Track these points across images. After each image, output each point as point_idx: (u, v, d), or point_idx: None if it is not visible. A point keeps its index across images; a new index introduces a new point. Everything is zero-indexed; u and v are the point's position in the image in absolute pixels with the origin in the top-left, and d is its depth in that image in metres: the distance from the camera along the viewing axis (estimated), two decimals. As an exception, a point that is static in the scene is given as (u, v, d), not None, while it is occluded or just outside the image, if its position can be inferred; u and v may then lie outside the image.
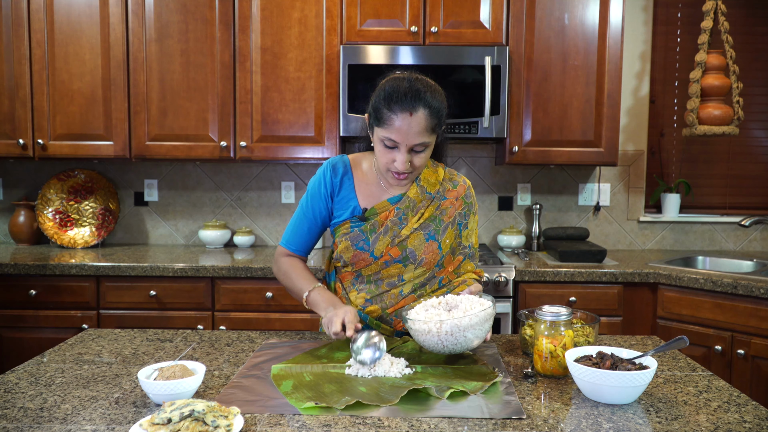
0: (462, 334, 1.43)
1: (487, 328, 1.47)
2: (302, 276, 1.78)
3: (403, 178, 1.69)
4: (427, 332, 1.45)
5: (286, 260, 1.84)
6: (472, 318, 1.43)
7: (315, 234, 1.83)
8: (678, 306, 2.89)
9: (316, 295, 1.72)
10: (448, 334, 1.43)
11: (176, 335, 1.77)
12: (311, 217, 1.81)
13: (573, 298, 2.94)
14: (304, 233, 1.83)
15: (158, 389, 1.24)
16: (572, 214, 3.66)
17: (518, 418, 1.20)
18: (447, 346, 1.45)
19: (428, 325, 1.44)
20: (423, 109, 1.60)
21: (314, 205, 1.80)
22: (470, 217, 1.83)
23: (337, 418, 1.20)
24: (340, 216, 1.78)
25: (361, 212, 1.74)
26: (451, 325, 1.42)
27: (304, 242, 1.84)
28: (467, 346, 1.46)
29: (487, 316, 1.46)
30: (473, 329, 1.43)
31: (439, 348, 1.46)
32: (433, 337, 1.45)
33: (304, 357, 1.57)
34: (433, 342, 1.45)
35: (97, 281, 3.01)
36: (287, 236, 1.85)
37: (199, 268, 2.97)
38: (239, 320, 3.01)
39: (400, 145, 1.63)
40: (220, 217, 3.69)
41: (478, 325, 1.44)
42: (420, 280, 1.76)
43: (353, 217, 1.75)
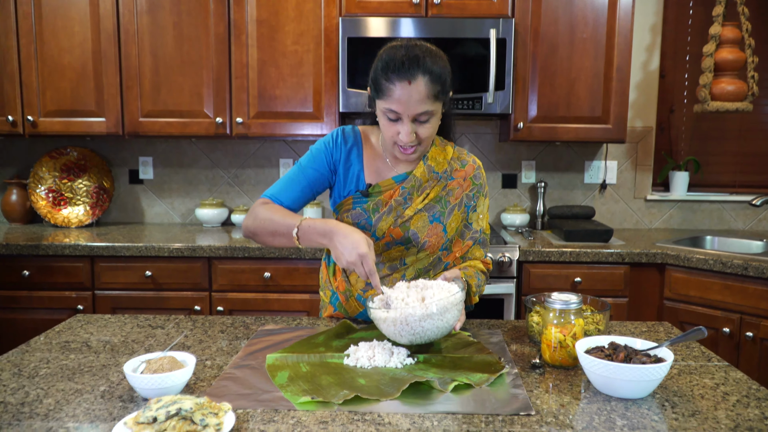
0: (419, 325, 1.35)
1: (450, 318, 1.38)
2: (289, 214, 1.59)
3: (411, 152, 1.59)
4: (384, 320, 1.37)
5: (267, 205, 1.63)
6: (429, 307, 1.34)
7: (307, 197, 1.69)
8: (686, 287, 2.82)
9: (309, 221, 1.52)
10: (404, 324, 1.35)
11: (168, 321, 1.70)
12: (310, 175, 1.67)
13: (578, 279, 2.87)
14: (295, 192, 1.67)
15: (145, 383, 1.17)
16: (578, 192, 3.58)
17: (527, 414, 1.13)
18: (405, 336, 1.37)
19: (385, 312, 1.36)
20: (422, 76, 1.50)
21: (316, 164, 1.68)
22: (479, 199, 1.74)
23: (335, 414, 1.13)
24: (344, 189, 1.68)
25: (365, 187, 1.66)
26: (407, 314, 1.34)
27: (293, 201, 1.67)
28: (427, 337, 1.37)
29: (448, 305, 1.36)
30: (431, 319, 1.35)
31: (397, 338, 1.38)
32: (389, 326, 1.37)
33: (301, 345, 1.49)
34: (390, 332, 1.38)
35: (92, 261, 2.94)
36: (273, 191, 1.67)
37: (196, 248, 2.90)
38: (237, 300, 2.94)
39: (402, 116, 1.53)
40: (217, 195, 3.60)
41: (437, 315, 1.35)
42: (423, 265, 1.68)
43: (356, 193, 1.66)
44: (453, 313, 1.37)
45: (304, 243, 1.53)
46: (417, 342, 1.38)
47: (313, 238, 1.52)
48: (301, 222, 1.53)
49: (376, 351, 1.38)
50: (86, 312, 2.95)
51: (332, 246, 1.47)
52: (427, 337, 1.37)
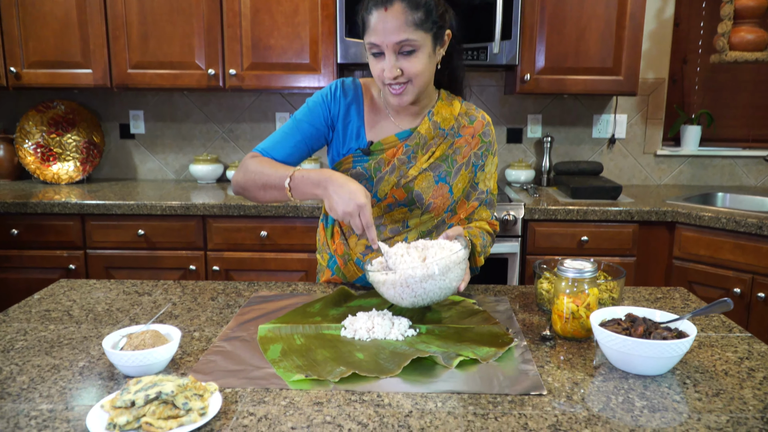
0: (420, 286, 1.26)
1: (453, 278, 1.29)
2: (281, 165, 1.48)
3: (399, 91, 1.45)
4: (383, 283, 1.28)
5: (257, 158, 1.52)
6: (430, 267, 1.24)
7: (302, 153, 1.57)
8: (696, 246, 2.72)
9: (303, 172, 1.40)
10: (404, 286, 1.26)
11: (156, 287, 1.61)
12: (305, 130, 1.55)
13: (585, 238, 2.78)
14: (288, 147, 1.55)
15: (125, 361, 1.08)
16: (585, 147, 3.45)
17: (538, 394, 1.05)
18: (405, 299, 1.28)
19: (384, 275, 1.27)
20: (399, 1, 1.38)
21: (312, 118, 1.56)
22: (488, 158, 1.62)
23: (330, 394, 1.04)
24: (343, 147, 1.57)
25: (366, 144, 1.54)
26: (407, 276, 1.25)
27: (286, 156, 1.55)
28: (429, 299, 1.29)
29: (451, 265, 1.27)
30: (432, 280, 1.26)
31: (398, 301, 1.30)
32: (389, 289, 1.28)
33: (296, 315, 1.41)
34: (390, 295, 1.29)
35: (82, 220, 2.85)
36: (265, 145, 1.55)
37: (189, 206, 2.79)
38: (233, 260, 2.86)
39: (382, 47, 1.41)
40: (212, 151, 3.48)
41: (439, 275, 1.26)
42: (427, 228, 1.58)
43: (356, 151, 1.55)
44: (456, 273, 1.28)
45: (297, 195, 1.41)
46: (419, 304, 1.29)
47: (306, 189, 1.40)
48: (294, 172, 1.42)
49: (375, 322, 1.29)
50: (78, 271, 2.87)
51: (327, 196, 1.35)
52: (429, 299, 1.29)
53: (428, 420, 0.96)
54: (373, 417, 0.97)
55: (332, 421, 0.96)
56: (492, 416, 0.98)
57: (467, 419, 0.97)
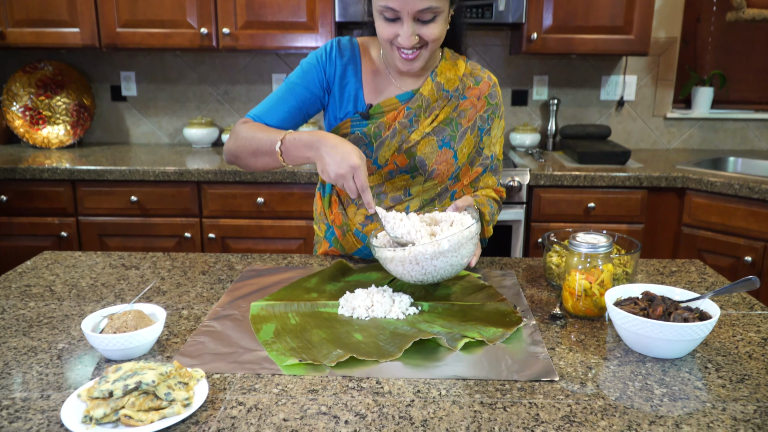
0: (430, 263, 1.18)
1: (465, 254, 1.20)
2: (273, 130, 1.38)
3: (413, 57, 1.35)
4: (391, 260, 1.20)
5: (248, 124, 1.43)
6: (442, 243, 1.16)
7: (296, 118, 1.47)
8: (707, 213, 2.64)
9: (295, 134, 1.30)
10: (413, 263, 1.18)
11: (144, 260, 1.53)
12: (299, 94, 1.45)
13: (592, 204, 2.69)
14: (282, 112, 1.45)
15: (105, 344, 1.00)
16: (593, 110, 3.33)
17: (549, 381, 0.98)
18: (414, 276, 1.20)
19: (392, 252, 1.19)
20: None
21: (307, 81, 1.46)
22: (494, 121, 1.52)
23: (326, 380, 0.97)
24: (340, 110, 1.47)
25: (365, 108, 1.44)
26: (417, 252, 1.16)
27: (279, 122, 1.45)
28: (439, 275, 1.21)
29: (463, 240, 1.18)
30: (443, 257, 1.17)
31: (407, 278, 1.22)
32: (397, 266, 1.20)
33: (291, 290, 1.33)
34: (399, 272, 1.21)
35: (73, 186, 2.76)
36: (257, 110, 1.46)
37: (183, 171, 2.70)
38: (229, 227, 2.78)
39: (402, 14, 1.29)
40: (206, 114, 3.37)
41: (451, 251, 1.17)
42: (430, 195, 1.49)
43: (355, 114, 1.45)
44: (468, 248, 1.20)
45: (290, 160, 1.32)
46: (429, 281, 1.22)
47: (298, 152, 1.29)
48: (285, 135, 1.32)
49: (375, 300, 1.21)
50: (71, 239, 2.80)
51: (319, 158, 1.25)
52: (440, 276, 1.21)
53: (431, 410, 0.89)
54: (371, 407, 0.90)
55: (328, 411, 0.89)
56: (500, 405, 0.90)
57: (473, 409, 0.89)
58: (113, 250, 2.81)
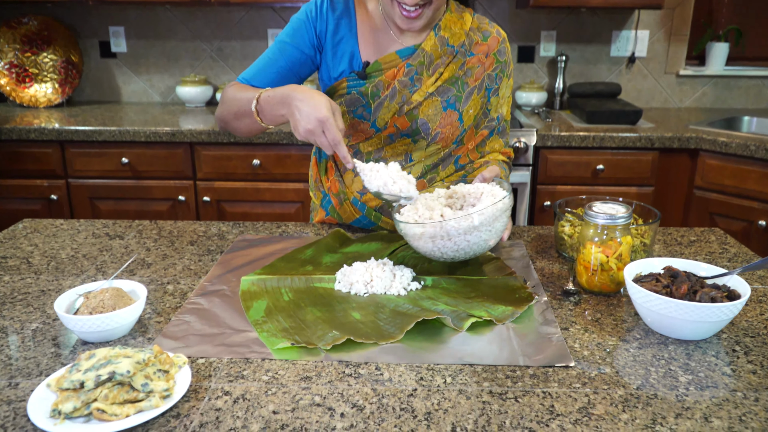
0: (463, 239, 1.09)
1: (499, 228, 1.12)
2: (253, 89, 1.29)
3: (415, 16, 1.24)
4: (420, 236, 1.11)
5: (234, 86, 1.34)
6: (476, 217, 1.07)
7: (286, 81, 1.35)
8: (720, 175, 2.54)
9: (270, 91, 1.21)
10: (445, 239, 1.09)
11: (129, 229, 1.44)
12: (290, 54, 1.34)
13: (600, 167, 2.59)
14: (272, 74, 1.35)
15: (80, 326, 0.92)
16: (602, 67, 3.20)
17: (564, 366, 0.89)
18: (446, 253, 1.12)
19: (421, 227, 1.10)
20: None
21: (297, 40, 1.34)
22: (503, 80, 1.41)
23: (321, 366, 0.89)
24: (334, 69, 1.35)
25: (361, 66, 1.33)
26: (449, 227, 1.08)
27: (268, 85, 1.34)
28: (471, 252, 1.12)
29: (498, 213, 1.10)
30: (478, 231, 1.09)
31: (437, 255, 1.13)
32: (426, 242, 1.11)
33: (284, 263, 1.24)
34: (428, 249, 1.12)
35: (62, 147, 2.65)
36: (247, 74, 1.36)
37: (175, 132, 2.59)
38: (224, 190, 2.68)
39: None
40: (200, 71, 3.24)
41: (485, 225, 1.09)
42: (432, 161, 1.39)
43: (351, 73, 1.34)
44: (502, 222, 1.12)
45: (267, 120, 1.23)
46: (460, 258, 1.14)
47: (273, 110, 1.20)
48: (260, 93, 1.22)
49: (374, 275, 1.12)
50: (61, 202, 2.71)
51: (290, 114, 1.16)
52: (472, 252, 1.13)
53: (435, 401, 0.81)
54: (370, 396, 0.82)
55: (322, 402, 0.81)
56: (511, 395, 0.82)
57: (482, 400, 0.81)
58: (105, 214, 2.72)
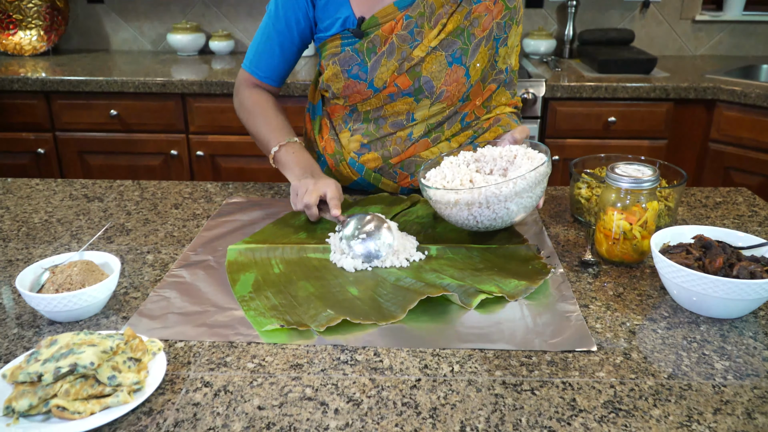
0: (503, 206, 0.99)
1: (539, 193, 1.03)
2: (272, 122, 1.29)
3: None
4: (454, 204, 1.00)
5: (251, 94, 1.32)
6: (518, 182, 0.97)
7: (290, 54, 1.29)
8: (738, 128, 2.41)
9: (288, 154, 1.25)
10: (483, 207, 0.99)
11: (110, 190, 1.34)
12: (283, 29, 1.25)
13: (612, 119, 2.46)
14: (274, 53, 1.28)
15: (45, 305, 0.83)
16: (614, 12, 3.02)
17: (586, 351, 0.80)
18: (482, 221, 1.02)
19: (455, 194, 1.00)
20: None
21: (286, 9, 1.23)
22: (511, 28, 1.26)
23: (313, 353, 0.80)
24: (327, 28, 1.23)
25: (355, 24, 1.20)
26: (489, 194, 0.97)
27: (274, 66, 1.30)
28: (509, 220, 1.03)
29: (540, 177, 1.00)
30: (519, 198, 0.99)
31: (471, 224, 1.03)
32: (461, 210, 1.01)
33: (276, 228, 1.14)
34: (462, 217, 1.02)
35: (47, 98, 2.52)
36: (251, 57, 1.31)
37: (166, 83, 2.45)
38: (219, 144, 2.56)
39: None
40: (192, 18, 3.07)
41: (527, 191, 0.99)
42: (437, 120, 1.27)
43: (344, 31, 1.21)
44: (542, 187, 1.03)
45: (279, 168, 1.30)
46: (496, 227, 1.04)
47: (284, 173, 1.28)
48: (277, 152, 1.28)
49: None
50: (48, 156, 2.59)
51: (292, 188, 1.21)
52: (510, 220, 1.03)
53: (442, 393, 0.72)
54: (368, 389, 0.73)
55: (314, 395, 0.72)
56: (526, 387, 0.73)
57: (494, 392, 0.72)
58: (96, 168, 2.61)
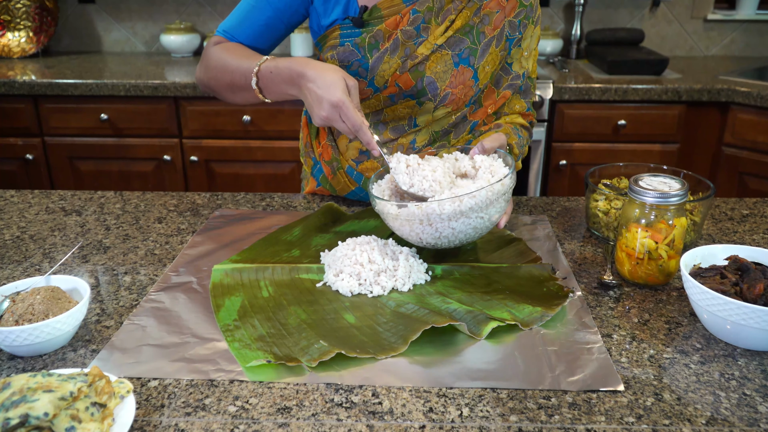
0: (446, 225, 0.89)
1: (492, 213, 0.91)
2: (247, 54, 1.11)
3: None
4: (395, 217, 0.91)
5: (219, 46, 1.15)
6: (464, 201, 0.87)
7: (276, 31, 1.16)
8: (753, 131, 2.32)
9: (271, 63, 1.03)
10: (425, 224, 0.89)
11: (90, 202, 1.25)
12: (275, 3, 1.12)
13: (622, 122, 2.37)
14: (257, 25, 1.15)
15: (3, 339, 0.73)
16: (623, 11, 2.93)
17: (612, 392, 0.71)
18: (426, 239, 0.92)
19: (394, 207, 0.91)
20: None
21: None
22: (527, 28, 1.17)
23: (303, 392, 0.71)
24: (326, 15, 1.13)
25: (357, 11, 1.11)
26: (427, 212, 0.88)
27: (255, 38, 1.16)
28: (458, 240, 0.93)
29: (493, 196, 0.89)
30: (465, 218, 0.89)
31: (416, 241, 0.94)
32: (402, 224, 0.92)
33: (266, 246, 1.05)
34: (404, 231, 0.93)
35: (35, 102, 2.43)
36: (229, 23, 1.17)
37: (158, 86, 2.36)
38: (213, 149, 2.47)
39: None
40: (186, 18, 2.98)
41: (475, 211, 0.88)
42: (442, 126, 1.17)
43: (344, 20, 1.11)
44: (498, 206, 0.91)
45: (273, 96, 1.06)
46: (443, 246, 0.94)
47: (279, 88, 1.03)
48: (259, 67, 1.03)
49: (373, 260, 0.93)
50: (38, 161, 2.50)
51: (302, 96, 1.00)
52: (458, 241, 0.93)
53: (450, 444, 0.63)
54: (365, 438, 0.64)
55: (303, 447, 0.63)
56: (546, 435, 0.64)
57: (509, 443, 0.63)
58: (86, 174, 2.52)
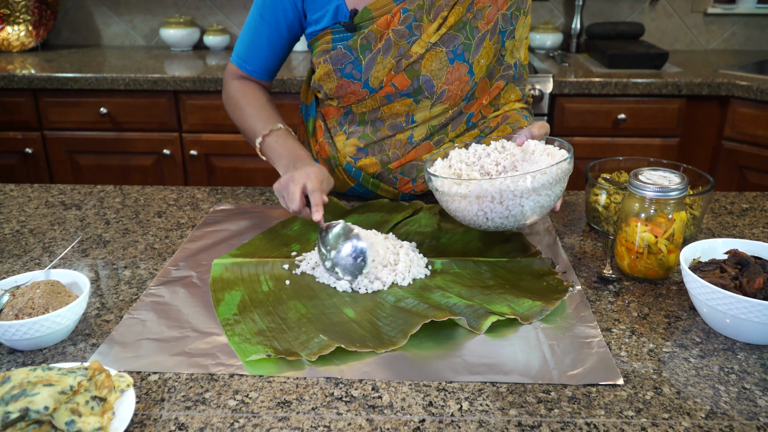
0: (517, 203, 0.89)
1: (558, 193, 0.92)
2: (259, 111, 1.18)
3: None
4: (463, 197, 0.90)
5: (238, 85, 1.23)
6: (537, 177, 0.87)
7: (279, 48, 1.20)
8: (753, 125, 2.31)
9: (274, 141, 1.12)
10: (495, 201, 0.89)
11: (90, 196, 1.25)
12: (270, 21, 1.15)
13: (622, 116, 2.36)
14: (262, 46, 1.19)
15: (3, 333, 0.74)
16: (623, 5, 2.92)
17: (611, 385, 0.71)
18: (493, 219, 0.91)
19: (465, 186, 0.90)
20: None
21: (273, 1, 1.14)
22: (519, 19, 1.16)
23: (303, 386, 0.71)
24: (317, 21, 1.13)
25: (347, 17, 1.10)
26: (503, 187, 0.87)
27: (263, 59, 1.20)
28: (523, 220, 0.92)
29: (561, 174, 0.90)
30: (536, 195, 0.89)
31: (480, 221, 0.92)
32: (470, 204, 0.90)
33: (266, 241, 1.05)
34: (471, 212, 0.92)
35: (34, 96, 2.43)
36: (239, 50, 1.22)
37: (157, 80, 2.36)
38: (213, 143, 2.47)
39: None
40: (186, 12, 2.97)
41: (545, 188, 0.88)
42: (439, 121, 1.17)
43: (335, 25, 1.11)
44: (561, 187, 0.92)
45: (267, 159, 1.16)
46: (506, 227, 0.93)
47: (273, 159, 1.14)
48: (264, 138, 1.14)
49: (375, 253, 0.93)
50: (37, 156, 2.50)
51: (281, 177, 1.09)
52: (524, 219, 0.92)
53: (449, 438, 0.63)
54: (364, 430, 0.64)
55: (303, 440, 0.63)
56: (546, 429, 0.64)
57: (509, 436, 0.63)
58: (86, 169, 2.52)
